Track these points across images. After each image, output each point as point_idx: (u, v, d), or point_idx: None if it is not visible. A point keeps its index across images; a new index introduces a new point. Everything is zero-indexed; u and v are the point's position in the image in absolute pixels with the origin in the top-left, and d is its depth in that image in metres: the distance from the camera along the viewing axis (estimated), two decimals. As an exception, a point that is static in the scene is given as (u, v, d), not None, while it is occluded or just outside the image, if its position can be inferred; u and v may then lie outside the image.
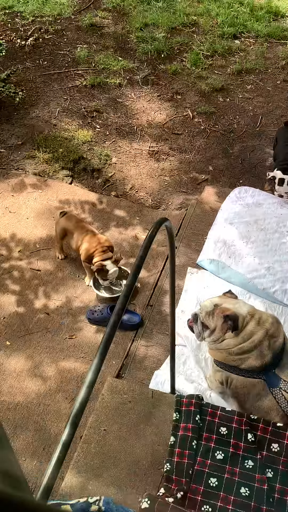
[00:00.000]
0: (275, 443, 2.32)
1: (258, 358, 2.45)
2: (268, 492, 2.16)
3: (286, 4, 6.41)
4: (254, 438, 2.32)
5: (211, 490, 2.19)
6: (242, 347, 2.50)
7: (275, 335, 2.51)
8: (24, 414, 2.83)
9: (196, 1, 6.54)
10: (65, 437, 1.03)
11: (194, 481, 2.22)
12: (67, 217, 3.52)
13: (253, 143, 4.65)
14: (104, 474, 2.29)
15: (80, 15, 6.31)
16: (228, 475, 2.23)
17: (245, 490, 2.18)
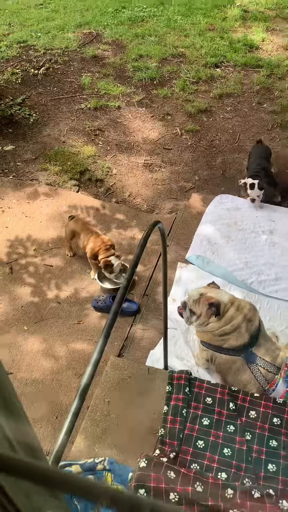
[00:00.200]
0: (253, 411, 2.32)
1: (238, 339, 2.46)
2: (247, 452, 2.17)
3: (259, 38, 6.39)
4: (235, 407, 2.32)
5: (199, 451, 2.19)
6: (224, 329, 2.50)
7: (251, 319, 2.51)
8: (40, 388, 2.82)
9: (183, 36, 6.52)
10: (74, 407, 1.03)
11: (184, 444, 2.22)
12: (74, 221, 3.51)
13: (232, 157, 4.64)
14: (108, 438, 2.29)
15: (85, 48, 6.28)
16: (213, 438, 2.23)
17: (227, 450, 2.18)
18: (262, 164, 3.92)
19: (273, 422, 2.28)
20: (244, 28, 6.69)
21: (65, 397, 2.78)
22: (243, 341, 2.44)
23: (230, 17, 6.91)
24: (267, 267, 3.39)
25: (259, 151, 4.07)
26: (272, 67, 5.78)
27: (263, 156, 4.02)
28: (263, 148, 4.14)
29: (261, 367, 2.41)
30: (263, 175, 3.83)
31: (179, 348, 2.92)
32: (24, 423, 0.60)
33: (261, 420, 2.29)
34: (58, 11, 7.29)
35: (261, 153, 4.05)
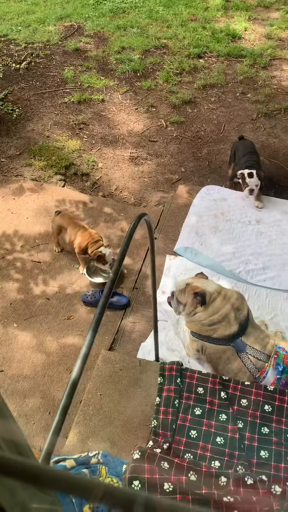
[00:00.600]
0: (244, 399, 2.34)
1: (227, 328, 2.47)
2: (239, 440, 2.19)
3: (241, 27, 6.37)
4: (226, 396, 2.34)
5: (192, 441, 2.21)
6: (212, 319, 2.51)
7: (240, 308, 2.52)
8: (32, 384, 2.81)
9: (165, 27, 6.47)
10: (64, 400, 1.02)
11: (177, 434, 2.23)
12: (61, 216, 3.48)
13: (218, 147, 4.64)
14: (101, 432, 2.29)
15: (66, 41, 6.20)
16: (206, 428, 2.25)
17: (220, 439, 2.20)
18: (253, 158, 3.85)
19: (264, 409, 2.30)
20: (226, 17, 6.66)
21: (57, 393, 2.77)
22: (232, 330, 2.45)
23: (212, 7, 6.88)
24: (255, 257, 3.40)
25: (246, 146, 3.97)
26: (255, 56, 5.77)
27: (252, 150, 3.93)
28: (249, 142, 4.07)
29: (251, 356, 2.43)
30: (258, 167, 3.78)
31: (170, 340, 2.93)
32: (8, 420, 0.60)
33: (253, 408, 2.31)
34: (38, 4, 7.18)
35: (249, 147, 3.96)
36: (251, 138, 4.68)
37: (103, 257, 3.26)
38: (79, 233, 3.34)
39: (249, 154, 3.86)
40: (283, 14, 6.71)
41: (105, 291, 1.32)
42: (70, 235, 3.37)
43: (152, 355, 2.71)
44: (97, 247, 3.26)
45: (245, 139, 4.11)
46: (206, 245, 3.52)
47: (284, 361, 2.43)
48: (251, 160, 3.80)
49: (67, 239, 3.43)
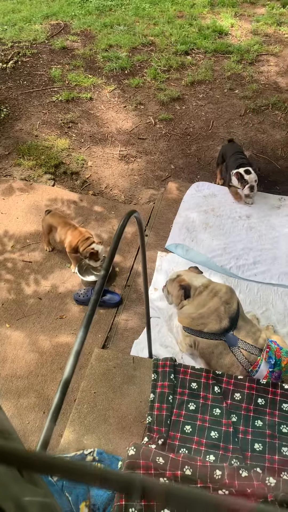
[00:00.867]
0: (237, 393, 2.36)
1: (217, 322, 2.48)
2: (233, 433, 2.20)
3: (228, 23, 6.38)
4: (219, 390, 2.35)
5: (186, 436, 2.22)
6: (201, 313, 2.53)
7: (229, 302, 2.54)
8: (26, 384, 2.81)
9: (152, 24, 6.47)
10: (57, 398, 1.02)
11: (172, 429, 2.24)
12: (51, 215, 3.47)
13: (207, 144, 4.65)
14: (96, 429, 2.29)
15: (53, 40, 6.17)
16: (200, 422, 2.26)
17: (214, 433, 2.21)
18: (244, 158, 3.84)
19: (257, 402, 2.32)
20: (213, 14, 6.67)
21: (51, 392, 2.77)
22: (223, 325, 2.47)
23: (198, 3, 6.88)
24: (245, 252, 3.42)
25: (234, 148, 3.94)
26: (242, 52, 5.79)
27: (239, 150, 3.92)
28: (237, 145, 4.05)
29: (243, 350, 2.45)
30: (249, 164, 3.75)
31: (163, 336, 2.94)
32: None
33: (246, 401, 2.33)
34: (24, 2, 7.14)
35: (236, 148, 3.94)
36: (240, 134, 4.71)
37: (95, 254, 3.26)
38: (69, 232, 3.34)
39: (238, 154, 3.85)
40: (269, 10, 6.73)
41: (96, 287, 1.32)
42: (60, 234, 3.37)
43: (146, 352, 2.72)
44: (88, 245, 3.26)
45: (234, 142, 4.10)
46: (197, 241, 3.53)
47: (276, 354, 2.45)
48: (240, 158, 3.78)
49: (57, 239, 3.42)
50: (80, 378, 2.61)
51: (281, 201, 3.86)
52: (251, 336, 2.50)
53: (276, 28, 6.34)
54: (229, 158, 3.85)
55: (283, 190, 4.11)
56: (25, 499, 0.44)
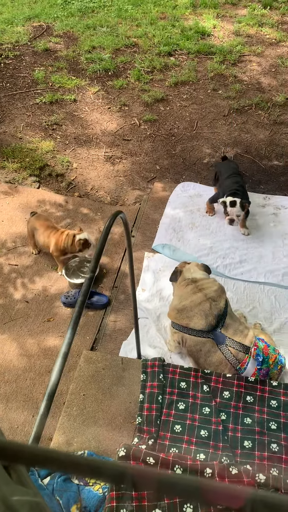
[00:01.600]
0: (226, 391, 2.37)
1: (202, 318, 2.51)
2: (223, 431, 2.22)
3: (210, 24, 6.43)
4: (208, 389, 2.37)
5: (176, 435, 2.23)
6: (184, 304, 2.60)
7: (215, 300, 2.56)
8: (14, 388, 2.79)
9: (135, 25, 6.48)
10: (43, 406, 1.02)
11: (162, 429, 2.25)
12: (36, 217, 3.46)
13: (191, 144, 4.67)
14: (86, 432, 2.29)
15: (36, 41, 6.15)
16: (190, 421, 2.27)
17: (204, 432, 2.23)
18: (239, 182, 3.56)
19: (246, 400, 2.34)
20: (195, 15, 6.72)
21: (40, 395, 2.76)
22: (209, 321, 2.49)
23: (181, 5, 6.92)
24: (232, 251, 3.45)
25: (230, 168, 3.69)
26: (224, 53, 5.84)
27: (235, 172, 3.66)
28: (232, 164, 3.80)
29: (231, 347, 2.47)
30: (242, 193, 3.47)
31: (151, 337, 2.94)
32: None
33: (235, 399, 2.35)
34: (5, 4, 7.09)
35: (232, 169, 3.68)
36: (224, 134, 4.75)
37: (86, 242, 3.27)
38: (52, 234, 3.32)
39: (233, 177, 3.59)
40: (250, 11, 6.80)
41: (83, 289, 1.32)
42: (44, 237, 3.34)
43: (134, 353, 2.72)
44: (72, 239, 3.25)
45: (229, 160, 3.88)
46: (183, 241, 3.55)
47: (263, 352, 2.47)
48: (235, 185, 3.50)
49: (40, 241, 3.40)
50: (69, 381, 2.60)
51: (266, 200, 3.90)
52: (239, 334, 2.52)
53: (258, 29, 6.40)
54: (224, 181, 3.59)
55: (268, 189, 4.15)
56: (13, 498, 0.44)
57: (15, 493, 0.45)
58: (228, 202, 3.39)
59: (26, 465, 0.50)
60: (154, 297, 3.19)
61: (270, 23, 6.50)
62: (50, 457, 0.46)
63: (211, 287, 2.61)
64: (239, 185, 3.52)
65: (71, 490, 1.97)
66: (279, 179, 4.27)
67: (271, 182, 4.23)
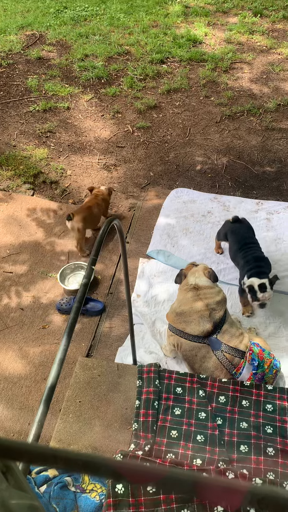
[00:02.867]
0: (222, 396, 2.38)
1: (199, 324, 2.51)
2: (219, 436, 2.22)
3: (202, 32, 6.50)
4: (204, 394, 2.37)
5: (173, 441, 2.23)
6: (183, 309, 2.60)
7: (216, 309, 2.57)
8: (9, 396, 2.78)
9: (127, 33, 6.54)
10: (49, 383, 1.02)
11: (158, 435, 2.25)
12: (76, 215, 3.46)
13: (185, 151, 4.71)
14: (82, 438, 2.29)
15: (29, 50, 6.18)
16: (186, 427, 2.27)
17: (200, 437, 2.23)
18: (257, 251, 3.02)
19: (242, 404, 2.35)
20: (187, 23, 6.78)
21: (36, 403, 2.75)
22: (206, 328, 2.50)
23: (172, 13, 6.99)
24: (226, 256, 3.47)
25: (244, 235, 3.13)
26: (216, 60, 5.90)
27: (252, 241, 3.10)
28: (246, 228, 3.20)
29: (226, 353, 2.47)
30: (266, 266, 2.95)
31: (147, 342, 2.95)
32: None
33: (231, 404, 2.35)
34: (-2, 13, 7.13)
35: (247, 236, 3.14)
36: (216, 140, 4.78)
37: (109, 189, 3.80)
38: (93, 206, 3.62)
39: (250, 247, 3.03)
40: (241, 19, 6.88)
41: (78, 295, 1.33)
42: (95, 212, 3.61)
43: (130, 359, 2.73)
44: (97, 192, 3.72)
45: (242, 222, 3.21)
46: (178, 247, 3.56)
47: (259, 356, 2.49)
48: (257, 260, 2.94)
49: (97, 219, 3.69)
50: (65, 388, 2.60)
51: (259, 205, 3.93)
52: (235, 339, 2.53)
53: (249, 36, 6.48)
54: (239, 253, 3.04)
55: (260, 194, 4.19)
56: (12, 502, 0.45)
57: (13, 497, 0.45)
58: (256, 287, 2.82)
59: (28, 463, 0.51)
60: (149, 303, 3.20)
61: (260, 30, 6.58)
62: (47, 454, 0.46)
63: (213, 298, 2.60)
64: (260, 258, 2.98)
65: (68, 497, 1.97)
66: (272, 184, 4.31)
67: (263, 188, 4.27)
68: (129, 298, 2.29)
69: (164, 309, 3.13)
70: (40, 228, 3.81)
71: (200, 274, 2.73)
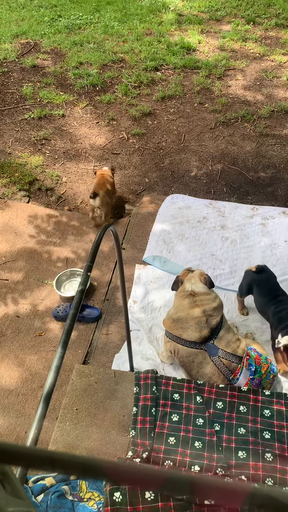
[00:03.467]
0: (219, 402, 2.37)
1: (197, 331, 2.51)
2: (217, 442, 2.21)
3: (195, 40, 6.56)
4: (201, 400, 2.37)
5: (171, 447, 2.22)
6: (179, 315, 2.59)
7: (213, 315, 2.56)
8: (6, 404, 2.76)
9: (121, 41, 6.58)
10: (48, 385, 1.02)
11: (156, 442, 2.24)
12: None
13: (179, 157, 4.73)
14: (80, 446, 2.27)
15: (23, 58, 6.21)
16: (183, 433, 2.26)
17: (198, 443, 2.22)
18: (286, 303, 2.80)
19: (239, 410, 2.34)
20: (180, 31, 6.84)
21: (32, 411, 2.73)
22: (203, 334, 2.49)
23: (166, 21, 7.05)
24: (222, 262, 3.48)
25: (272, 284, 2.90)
26: (210, 67, 5.95)
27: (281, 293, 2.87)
28: (272, 278, 2.94)
29: (224, 359, 2.47)
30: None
31: (144, 349, 2.94)
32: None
33: (228, 409, 2.35)
34: (-8, 22, 7.16)
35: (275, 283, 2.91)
36: (211, 147, 4.81)
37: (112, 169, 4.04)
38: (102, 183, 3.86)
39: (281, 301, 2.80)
40: (234, 26, 6.95)
41: (74, 302, 1.33)
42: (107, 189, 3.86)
43: (127, 365, 2.72)
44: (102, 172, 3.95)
45: (266, 271, 2.95)
46: (174, 253, 3.57)
47: (256, 361, 2.48)
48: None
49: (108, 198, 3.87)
50: (62, 395, 2.59)
51: (254, 210, 3.95)
52: (232, 345, 2.53)
53: (242, 43, 6.54)
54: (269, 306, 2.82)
55: (255, 200, 4.21)
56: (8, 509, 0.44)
57: (10, 504, 0.45)
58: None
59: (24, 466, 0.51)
60: (146, 309, 3.20)
61: (253, 38, 6.65)
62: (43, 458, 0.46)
63: (210, 304, 2.59)
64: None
65: (65, 506, 1.95)
66: (266, 190, 4.33)
67: (258, 193, 4.29)
68: (126, 305, 2.29)
69: (160, 315, 3.12)
70: (36, 235, 3.80)
71: (196, 280, 2.73)
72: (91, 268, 1.47)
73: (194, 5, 7.53)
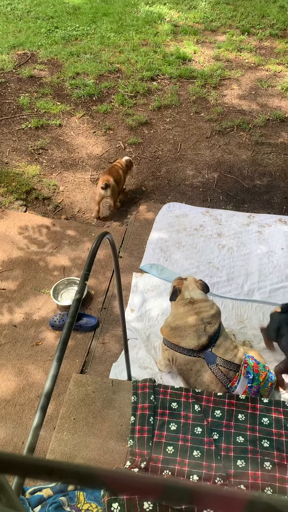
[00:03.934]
0: (218, 410, 2.36)
1: (195, 338, 2.50)
2: (215, 451, 2.20)
3: (191, 50, 6.62)
4: (200, 408, 2.35)
5: (169, 457, 2.20)
6: (177, 324, 2.58)
7: (211, 322, 2.56)
8: (2, 414, 2.73)
9: (118, 52, 6.64)
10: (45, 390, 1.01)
11: (154, 451, 2.22)
12: None
13: (176, 166, 4.75)
14: (77, 456, 2.25)
15: (20, 69, 6.25)
16: (182, 442, 2.25)
17: (197, 452, 2.20)
18: None
19: (238, 418, 2.33)
20: (176, 41, 6.91)
21: (30, 421, 2.71)
22: (201, 342, 2.49)
23: (162, 32, 7.13)
24: (219, 269, 3.48)
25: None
26: (205, 77, 6.00)
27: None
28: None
29: (221, 367, 2.46)
30: None
31: (141, 357, 2.93)
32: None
33: (227, 418, 2.33)
34: (-10, 33, 7.22)
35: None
36: (207, 155, 4.84)
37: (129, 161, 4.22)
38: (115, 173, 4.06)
39: None
40: (229, 37, 7.03)
41: (70, 310, 1.33)
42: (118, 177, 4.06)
43: (125, 374, 2.70)
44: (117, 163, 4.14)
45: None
46: (171, 261, 3.57)
47: (254, 369, 2.48)
48: None
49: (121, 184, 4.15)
50: (59, 405, 2.57)
51: (250, 218, 3.96)
52: (229, 352, 2.52)
53: (237, 53, 6.61)
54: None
55: (251, 208, 4.22)
56: (2, 519, 0.44)
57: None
58: None
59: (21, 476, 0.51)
60: (143, 318, 3.19)
61: (248, 48, 6.72)
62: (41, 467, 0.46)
63: (208, 311, 2.59)
64: None
65: (63, 518, 1.92)
66: (262, 197, 4.35)
67: (254, 201, 4.31)
68: (123, 313, 2.28)
69: (158, 323, 3.12)
70: (33, 244, 3.80)
71: (194, 287, 2.73)
72: (87, 277, 1.47)
73: (189, 16, 7.62)
